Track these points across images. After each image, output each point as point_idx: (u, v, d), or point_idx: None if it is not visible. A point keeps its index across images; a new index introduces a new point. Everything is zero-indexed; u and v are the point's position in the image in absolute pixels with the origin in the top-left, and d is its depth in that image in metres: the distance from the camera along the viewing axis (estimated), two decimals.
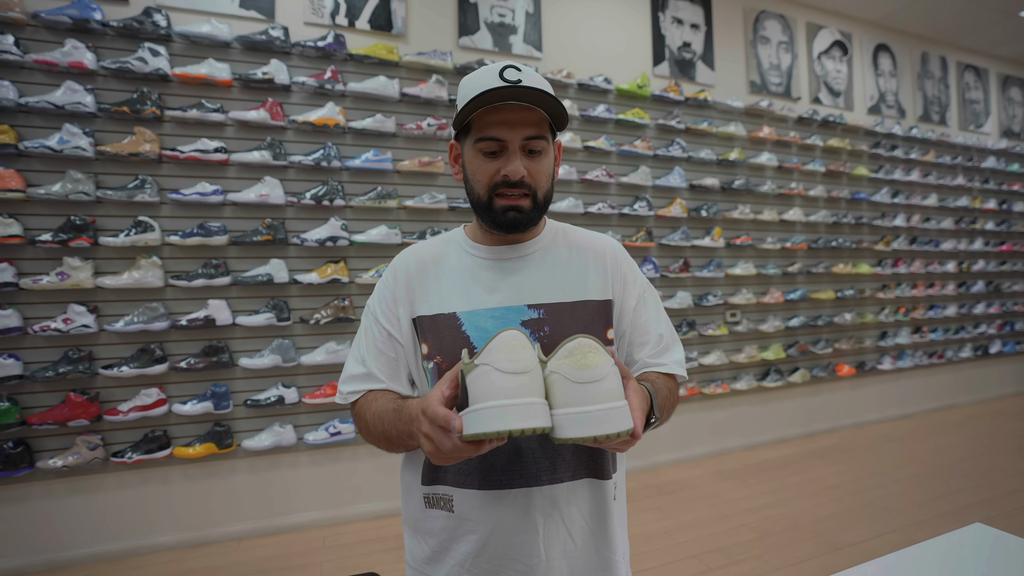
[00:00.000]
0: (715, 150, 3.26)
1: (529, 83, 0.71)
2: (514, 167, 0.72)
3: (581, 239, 0.87)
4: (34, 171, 2.01)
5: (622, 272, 0.84)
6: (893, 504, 2.52)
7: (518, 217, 0.75)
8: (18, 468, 1.93)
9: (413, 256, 0.83)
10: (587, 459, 0.76)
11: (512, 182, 0.73)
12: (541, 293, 0.78)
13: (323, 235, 2.33)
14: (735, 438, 3.32)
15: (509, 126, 0.72)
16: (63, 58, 1.99)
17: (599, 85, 2.92)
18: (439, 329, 0.76)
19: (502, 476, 0.72)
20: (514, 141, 0.73)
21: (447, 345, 0.74)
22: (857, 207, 3.85)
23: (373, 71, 2.48)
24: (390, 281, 0.82)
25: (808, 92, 3.72)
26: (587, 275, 0.82)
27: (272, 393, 2.25)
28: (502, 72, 0.72)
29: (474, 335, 0.75)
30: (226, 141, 2.24)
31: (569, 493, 0.74)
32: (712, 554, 2.11)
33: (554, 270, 0.81)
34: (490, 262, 0.81)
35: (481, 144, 0.73)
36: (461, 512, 0.74)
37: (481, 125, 0.73)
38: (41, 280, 1.96)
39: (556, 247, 0.84)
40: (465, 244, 0.84)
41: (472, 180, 0.76)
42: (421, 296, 0.79)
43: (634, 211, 2.97)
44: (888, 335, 3.94)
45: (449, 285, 0.79)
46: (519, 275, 0.80)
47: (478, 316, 0.76)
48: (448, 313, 0.76)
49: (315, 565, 2.06)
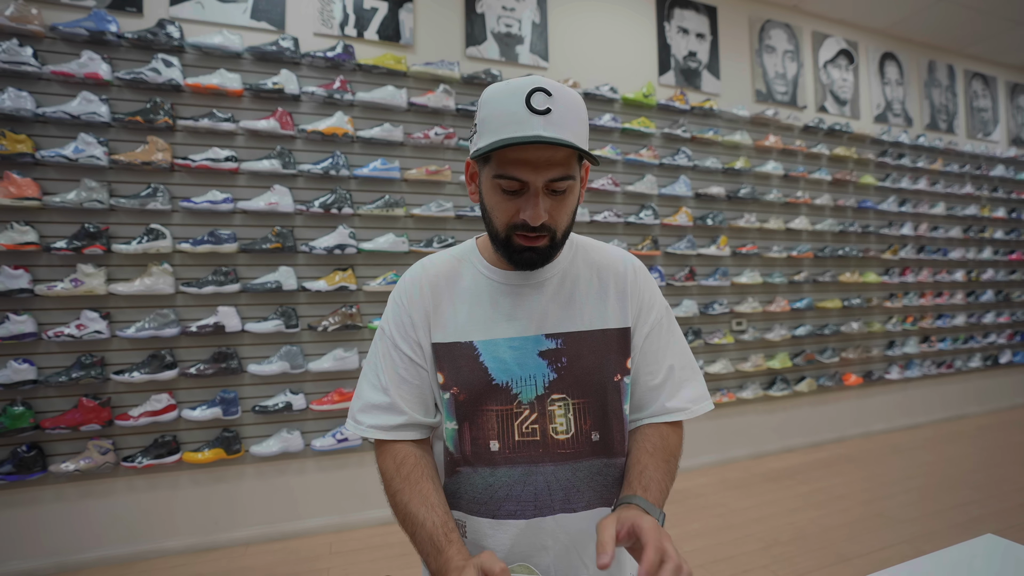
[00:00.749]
0: (721, 159, 3.27)
1: (559, 117, 0.63)
2: (535, 212, 0.66)
3: (600, 257, 0.83)
4: (50, 179, 2.05)
5: (640, 295, 0.81)
6: (902, 515, 2.49)
7: (534, 258, 0.71)
8: (31, 472, 1.96)
9: (425, 276, 0.79)
10: (600, 489, 0.75)
11: (531, 227, 0.67)
12: (559, 322, 0.76)
13: (331, 243, 2.35)
14: (741, 447, 3.30)
15: (532, 167, 0.65)
16: (79, 69, 2.04)
17: (605, 94, 2.94)
18: (456, 359, 0.74)
19: (516, 506, 0.71)
20: (536, 183, 0.65)
21: (464, 376, 0.73)
22: (864, 216, 3.83)
23: (381, 81, 2.51)
24: (404, 303, 0.78)
25: (814, 101, 3.72)
26: (607, 300, 0.79)
27: (280, 399, 2.27)
28: (530, 98, 0.63)
29: (492, 367, 0.73)
30: (236, 150, 2.28)
31: (581, 522, 0.73)
32: (718, 564, 2.10)
33: (573, 296, 0.78)
34: (507, 287, 0.77)
35: (501, 181, 0.67)
36: (474, 539, 0.73)
37: (502, 161, 0.66)
38: (56, 286, 1.99)
39: (575, 268, 0.80)
40: (480, 265, 0.79)
41: (491, 213, 0.71)
42: (436, 321, 0.76)
43: (640, 219, 2.97)
44: (896, 344, 3.91)
45: (465, 311, 0.76)
46: (536, 302, 0.77)
47: (496, 346, 0.74)
48: (465, 342, 0.74)
49: (322, 571, 2.07)
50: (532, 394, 0.73)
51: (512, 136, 0.63)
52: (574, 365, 0.74)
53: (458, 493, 0.75)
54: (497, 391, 0.72)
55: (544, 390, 0.73)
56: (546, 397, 0.73)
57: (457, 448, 0.75)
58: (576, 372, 0.74)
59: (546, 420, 0.73)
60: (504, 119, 0.64)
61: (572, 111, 0.66)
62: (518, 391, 0.73)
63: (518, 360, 0.74)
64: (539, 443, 0.73)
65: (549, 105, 0.63)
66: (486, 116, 0.67)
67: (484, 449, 0.73)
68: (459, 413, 0.74)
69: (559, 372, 0.74)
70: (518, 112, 0.63)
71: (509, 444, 0.72)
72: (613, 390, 0.76)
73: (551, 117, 0.63)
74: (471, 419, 0.73)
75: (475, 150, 0.69)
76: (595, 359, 0.75)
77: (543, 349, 0.74)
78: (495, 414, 0.72)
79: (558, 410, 0.73)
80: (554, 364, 0.74)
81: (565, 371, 0.74)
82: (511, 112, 0.64)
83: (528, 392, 0.73)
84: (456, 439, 0.75)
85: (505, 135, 0.63)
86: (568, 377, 0.74)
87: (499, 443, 0.72)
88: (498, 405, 0.72)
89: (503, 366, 0.73)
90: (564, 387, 0.74)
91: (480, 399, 0.73)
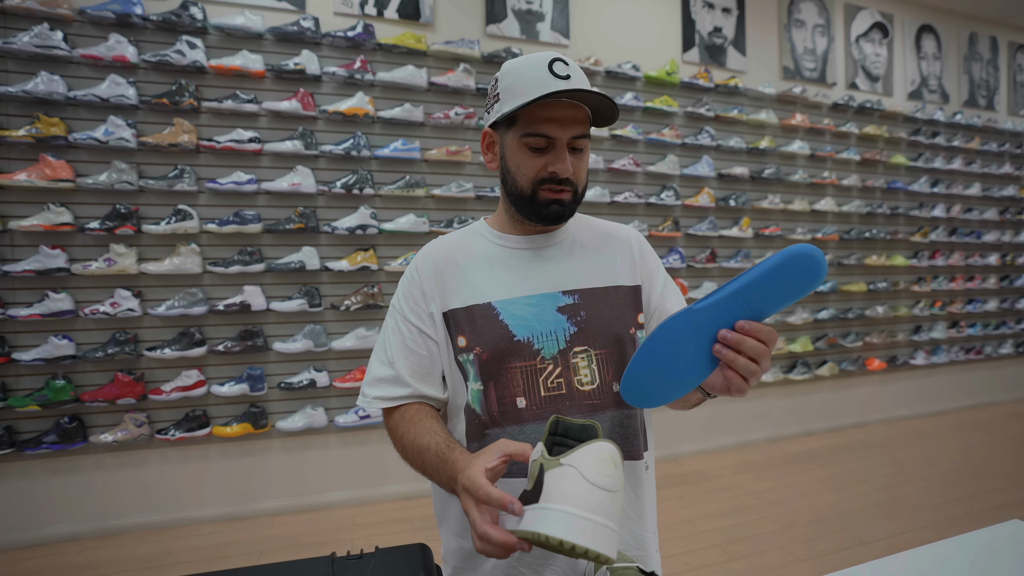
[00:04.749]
0: (745, 138, 3.19)
1: (579, 80, 0.72)
2: (563, 165, 0.73)
3: (605, 228, 0.89)
4: (82, 161, 2.10)
5: (647, 259, 0.87)
6: (923, 501, 2.47)
7: (561, 211, 0.76)
8: (74, 442, 2.06)
9: (439, 250, 0.82)
10: (622, 441, 0.76)
11: (560, 179, 0.74)
12: (574, 279, 0.79)
13: (353, 223, 2.38)
14: (759, 430, 3.29)
15: (560, 124, 0.72)
16: (107, 52, 2.07)
17: (627, 72, 2.88)
18: (475, 320, 0.75)
19: None
20: (563, 138, 0.73)
21: (485, 335, 0.74)
22: (893, 197, 3.71)
23: (401, 60, 2.50)
24: (416, 277, 0.80)
25: (844, 77, 3.59)
26: (615, 261, 0.83)
27: (304, 376, 2.33)
28: (551, 66, 0.72)
29: (512, 323, 0.75)
30: (260, 131, 2.30)
31: None
32: (735, 544, 2.11)
33: (584, 257, 0.82)
34: (520, 251, 0.81)
35: (529, 139, 0.73)
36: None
37: (530, 120, 0.73)
38: (90, 266, 2.06)
39: (583, 235, 0.85)
40: (490, 235, 0.83)
41: (515, 172, 0.76)
42: (453, 289, 0.78)
43: (661, 200, 2.93)
44: (922, 329, 3.82)
45: (480, 275, 0.78)
46: (550, 263, 0.80)
47: (514, 304, 0.76)
48: (483, 303, 0.76)
49: (345, 542, 2.14)
50: (554, 348, 0.75)
51: (542, 92, 0.69)
52: (593, 317, 0.77)
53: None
54: (519, 347, 0.74)
55: (566, 343, 0.75)
56: (568, 351, 0.75)
57: (484, 409, 0.75)
58: (596, 324, 0.77)
59: (571, 373, 0.75)
60: (530, 84, 0.71)
61: (585, 81, 0.74)
62: (540, 346, 0.74)
63: (537, 316, 0.76)
64: (565, 396, 0.74)
65: (569, 72, 0.72)
66: (510, 84, 0.74)
67: (511, 407, 0.73)
68: (483, 372, 0.74)
69: (579, 325, 0.76)
70: (543, 77, 0.71)
71: (536, 400, 0.73)
72: (629, 342, 0.79)
73: (572, 82, 0.71)
74: (496, 378, 0.74)
75: (502, 113, 0.74)
76: (612, 312, 0.78)
77: (561, 305, 0.77)
78: (519, 371, 0.74)
79: (581, 362, 0.75)
80: (573, 318, 0.76)
81: (585, 324, 0.76)
82: (536, 78, 0.71)
83: (550, 347, 0.75)
84: (483, 400, 0.75)
85: (535, 94, 0.69)
86: (588, 329, 0.76)
87: (526, 400, 0.73)
88: (522, 362, 0.74)
89: (523, 322, 0.75)
90: (585, 339, 0.76)
91: (503, 357, 0.74)
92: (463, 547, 0.76)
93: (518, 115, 0.73)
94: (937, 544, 0.87)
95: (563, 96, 0.70)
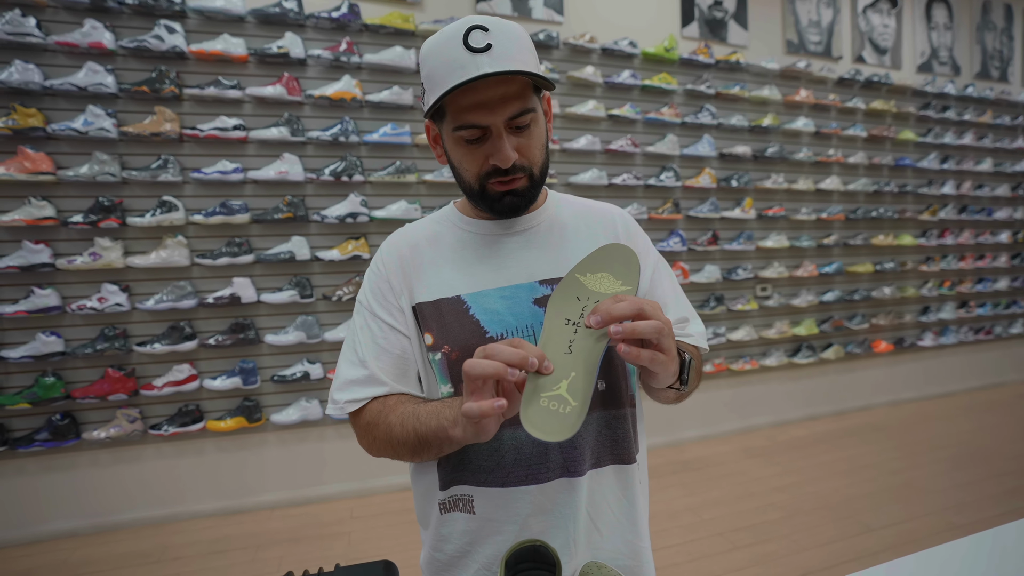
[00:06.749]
0: (747, 116, 3.09)
1: (502, 50, 0.61)
2: (503, 155, 0.64)
3: (586, 208, 0.81)
4: (63, 153, 2.05)
5: (634, 240, 0.78)
6: (931, 485, 2.42)
7: (516, 201, 0.69)
8: (66, 439, 2.04)
9: (403, 239, 0.76)
10: (610, 444, 0.71)
11: (503, 169, 0.66)
12: (552, 267, 0.72)
13: (343, 211, 2.32)
14: (763, 415, 3.24)
15: (488, 109, 0.63)
16: (83, 39, 2.00)
17: (624, 49, 2.78)
18: (443, 315, 0.69)
19: (526, 471, 0.68)
20: (497, 124, 0.64)
21: (454, 332, 0.68)
22: (901, 174, 3.61)
23: (389, 41, 2.41)
24: (381, 269, 0.74)
25: (851, 51, 3.46)
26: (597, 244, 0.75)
27: (298, 369, 2.30)
28: (467, 38, 0.61)
29: (484, 319, 0.69)
30: (244, 118, 2.24)
31: (593, 482, 0.70)
32: (738, 532, 2.08)
33: (563, 241, 0.75)
34: (491, 238, 0.74)
35: (461, 132, 0.65)
36: (484, 513, 0.69)
37: (457, 111, 0.64)
38: (75, 260, 2.02)
39: (561, 217, 0.78)
40: (459, 221, 0.77)
41: (459, 168, 0.69)
42: (419, 282, 0.72)
43: (660, 182, 2.86)
44: (931, 310, 3.74)
45: (449, 266, 0.73)
46: (525, 250, 0.74)
47: (486, 298, 0.70)
48: (452, 297, 0.70)
49: (343, 535, 2.13)
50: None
51: (459, 80, 0.60)
52: None
53: (462, 465, 0.70)
54: None
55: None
56: None
57: None
58: None
59: None
60: (447, 68, 0.62)
61: (514, 41, 0.63)
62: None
63: (512, 310, 0.69)
64: None
65: (489, 41, 0.61)
66: (430, 71, 0.65)
67: None
68: (453, 374, 0.68)
69: None
70: (458, 56, 0.61)
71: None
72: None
73: (494, 52, 0.61)
74: None
75: (427, 108, 0.67)
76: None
77: (538, 296, 0.70)
78: None
79: None
80: None
81: None
82: (452, 59, 0.61)
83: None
84: None
85: (451, 83, 0.61)
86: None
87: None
88: None
89: (496, 317, 0.69)
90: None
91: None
92: (436, 559, 0.74)
93: (444, 106, 0.65)
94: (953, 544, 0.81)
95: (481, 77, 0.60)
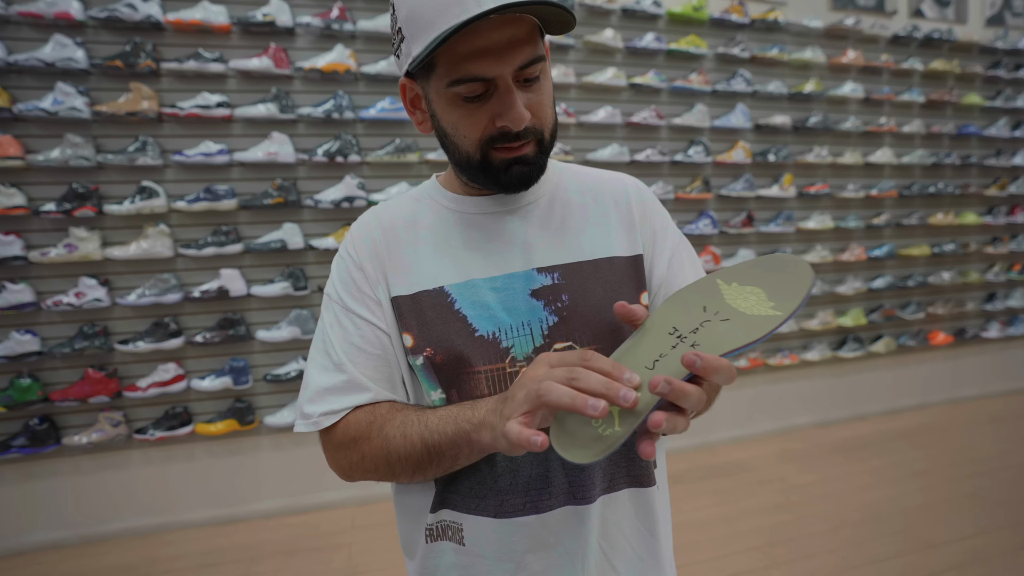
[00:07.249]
0: (787, 82, 2.80)
1: None
2: (516, 114, 0.53)
3: (594, 179, 0.69)
4: (31, 136, 1.91)
5: (650, 217, 0.68)
6: (1001, 496, 2.17)
7: (527, 171, 0.58)
8: (46, 444, 1.92)
9: (375, 220, 0.65)
10: (626, 463, 0.62)
11: (513, 133, 0.54)
12: (552, 253, 0.62)
13: (338, 195, 2.14)
14: (804, 415, 3.01)
15: (496, 55, 0.51)
16: (48, 9, 1.84)
17: (647, 9, 2.51)
18: (424, 312, 0.59)
19: (523, 498, 0.58)
20: (506, 75, 0.52)
21: (437, 331, 0.58)
22: (964, 144, 3.26)
23: (384, 6, 2.21)
24: (352, 255, 0.63)
25: (907, 4, 3.11)
26: (608, 224, 0.65)
27: (292, 367, 2.15)
28: None
29: (472, 315, 0.59)
30: (228, 94, 2.06)
31: (605, 510, 0.60)
32: (777, 546, 1.88)
33: (565, 221, 0.64)
34: (481, 217, 0.63)
35: (459, 88, 0.53)
36: (475, 547, 0.59)
37: (453, 60, 0.52)
38: (49, 253, 1.89)
39: (564, 192, 0.67)
40: (443, 198, 0.65)
41: (453, 135, 0.57)
42: (395, 271, 0.62)
43: (688, 157, 2.61)
44: (997, 297, 3.41)
45: (429, 253, 0.62)
46: (521, 232, 0.63)
47: (474, 289, 0.60)
48: (434, 289, 0.60)
49: (343, 546, 1.99)
50: (528, 346, 0.59)
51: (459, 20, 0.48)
52: (579, 303, 0.61)
53: (451, 487, 0.61)
54: (483, 346, 0.59)
55: (544, 339, 0.59)
56: (547, 348, 0.59)
57: None
58: (583, 312, 0.60)
59: None
60: (436, 5, 0.49)
61: None
62: (509, 344, 0.59)
63: (505, 304, 0.60)
64: None
65: None
66: (411, 11, 0.52)
67: None
68: (443, 378, 0.59)
69: (560, 314, 0.60)
70: None
71: None
72: (629, 331, 0.60)
73: None
74: (457, 386, 0.59)
75: (413, 58, 0.53)
76: (604, 294, 0.61)
77: (536, 287, 0.61)
78: (483, 376, 0.59)
79: None
80: (552, 305, 0.60)
81: (568, 311, 0.60)
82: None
83: (523, 344, 0.59)
84: None
85: (447, 24, 0.48)
86: (573, 318, 0.60)
87: None
88: (486, 365, 0.58)
89: (486, 312, 0.60)
90: (569, 332, 0.60)
91: (462, 359, 0.58)
92: None
93: (435, 57, 0.53)
94: None
95: (492, 13, 0.47)
